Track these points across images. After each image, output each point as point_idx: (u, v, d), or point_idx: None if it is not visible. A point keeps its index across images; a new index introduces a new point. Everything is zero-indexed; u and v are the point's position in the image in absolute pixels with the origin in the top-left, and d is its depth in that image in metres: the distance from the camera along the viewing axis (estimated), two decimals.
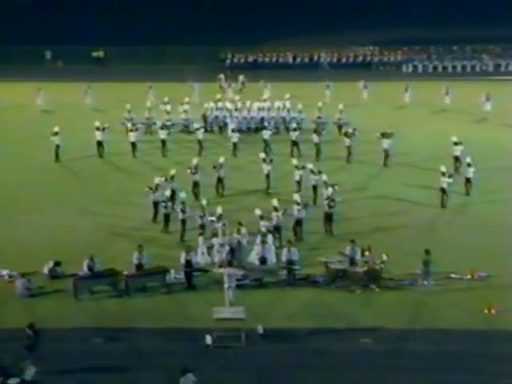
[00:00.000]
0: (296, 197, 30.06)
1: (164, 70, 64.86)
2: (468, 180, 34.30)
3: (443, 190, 32.74)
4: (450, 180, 32.86)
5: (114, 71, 66.83)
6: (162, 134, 41.78)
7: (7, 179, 37.41)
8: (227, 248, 25.68)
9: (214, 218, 26.87)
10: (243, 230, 27.32)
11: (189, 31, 79.24)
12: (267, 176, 35.03)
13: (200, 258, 26.32)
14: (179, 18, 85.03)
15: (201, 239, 26.97)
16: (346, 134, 40.72)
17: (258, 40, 77.43)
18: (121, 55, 71.51)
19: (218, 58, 74.72)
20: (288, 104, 47.45)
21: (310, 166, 34.27)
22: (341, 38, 79.16)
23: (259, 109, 46.98)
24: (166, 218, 30.08)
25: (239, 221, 27.91)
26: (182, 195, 30.40)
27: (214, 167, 34.37)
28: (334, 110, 46.43)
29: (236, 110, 47.12)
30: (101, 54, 75.93)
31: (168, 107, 46.74)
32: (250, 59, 74.75)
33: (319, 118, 45.74)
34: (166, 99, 48.41)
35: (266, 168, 35.22)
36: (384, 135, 39.57)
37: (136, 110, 46.00)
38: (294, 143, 41.18)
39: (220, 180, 34.38)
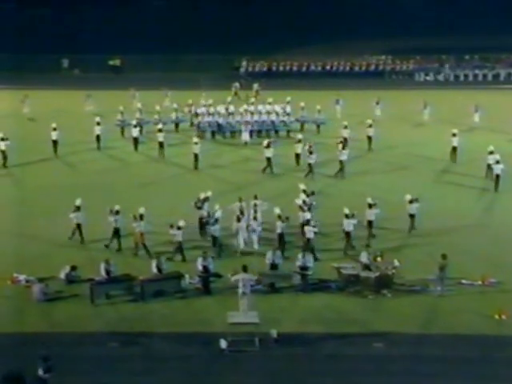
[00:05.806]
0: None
1: (179, 78, 65.17)
2: (497, 176, 35.86)
3: (497, 176, 35.56)
4: (503, 166, 35.49)
5: (130, 79, 67.29)
6: (160, 137, 42.64)
7: (29, 182, 38.03)
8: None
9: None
10: (259, 202, 29.31)
11: (203, 40, 79.68)
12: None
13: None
14: (194, 26, 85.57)
15: None
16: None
17: (272, 49, 77.79)
18: (137, 63, 71.93)
19: (231, 66, 74.99)
20: (277, 108, 48.06)
21: None
22: (353, 46, 79.31)
23: (251, 112, 47.33)
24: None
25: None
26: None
27: (198, 200, 30.51)
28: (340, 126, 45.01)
29: (230, 114, 47.52)
30: (117, 62, 76.13)
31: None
32: (265, 68, 75.15)
33: (302, 117, 48.27)
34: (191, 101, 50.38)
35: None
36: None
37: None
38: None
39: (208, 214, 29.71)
